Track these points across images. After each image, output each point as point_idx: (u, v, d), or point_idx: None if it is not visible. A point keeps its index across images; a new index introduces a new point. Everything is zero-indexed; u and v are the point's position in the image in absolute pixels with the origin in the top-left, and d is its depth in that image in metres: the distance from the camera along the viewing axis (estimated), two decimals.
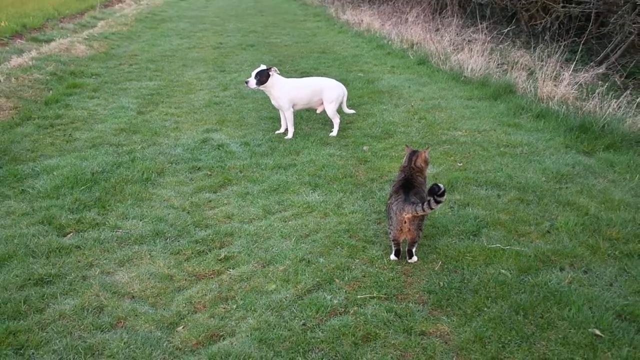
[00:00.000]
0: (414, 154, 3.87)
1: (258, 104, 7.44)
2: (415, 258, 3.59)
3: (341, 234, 3.96)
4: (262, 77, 5.79)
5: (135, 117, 6.81)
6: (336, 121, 6.21)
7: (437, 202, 3.31)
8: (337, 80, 6.44)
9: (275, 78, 5.87)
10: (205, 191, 4.74)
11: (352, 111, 6.47)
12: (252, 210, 4.38)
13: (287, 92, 5.93)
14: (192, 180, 4.97)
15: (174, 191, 4.72)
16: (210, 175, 5.07)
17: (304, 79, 6.32)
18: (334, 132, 6.20)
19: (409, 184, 3.65)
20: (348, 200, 4.55)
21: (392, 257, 3.62)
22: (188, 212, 4.34)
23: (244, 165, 5.27)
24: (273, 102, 6.07)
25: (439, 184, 3.32)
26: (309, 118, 6.82)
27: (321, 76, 7.60)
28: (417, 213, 3.41)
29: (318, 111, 6.29)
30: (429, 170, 5.00)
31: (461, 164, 5.25)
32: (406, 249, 3.61)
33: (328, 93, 6.05)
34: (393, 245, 3.61)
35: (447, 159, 5.40)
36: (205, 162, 5.36)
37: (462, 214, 4.22)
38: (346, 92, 6.25)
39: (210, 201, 4.55)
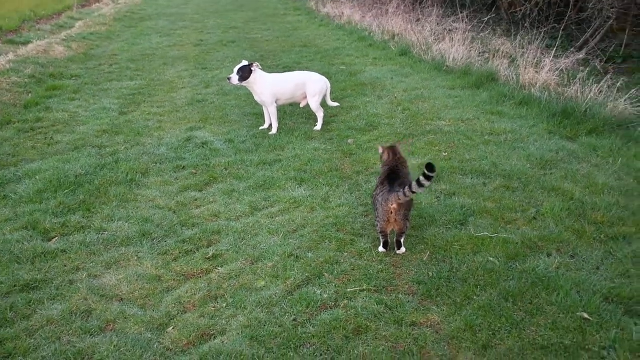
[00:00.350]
0: (393, 148, 3.89)
1: (241, 101, 7.40)
2: (403, 249, 3.61)
3: (329, 228, 3.96)
4: (245, 73, 5.77)
5: (118, 118, 6.74)
6: (320, 115, 6.20)
7: (420, 185, 3.27)
8: (320, 73, 6.43)
9: (257, 73, 5.84)
10: (191, 190, 4.71)
11: (336, 104, 6.46)
12: (238, 207, 4.37)
13: (270, 87, 5.91)
14: (177, 179, 4.94)
15: (159, 191, 4.69)
16: (195, 173, 5.04)
17: (286, 73, 6.29)
18: (319, 126, 6.19)
19: (395, 175, 3.67)
20: (335, 194, 4.55)
21: (381, 249, 3.64)
22: (174, 212, 4.32)
23: (229, 162, 5.25)
24: (256, 97, 6.04)
25: (433, 164, 3.23)
26: (293, 113, 6.80)
27: (304, 70, 7.57)
28: (400, 199, 3.42)
29: (302, 105, 6.27)
30: (415, 161, 5.02)
31: (446, 154, 5.27)
32: (394, 240, 3.62)
33: (311, 87, 6.03)
34: (381, 237, 3.62)
35: (431, 149, 5.41)
36: (189, 160, 5.33)
37: (448, 203, 4.24)
38: (329, 85, 6.24)
39: (196, 200, 4.53)
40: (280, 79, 6.05)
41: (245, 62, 5.83)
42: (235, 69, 5.78)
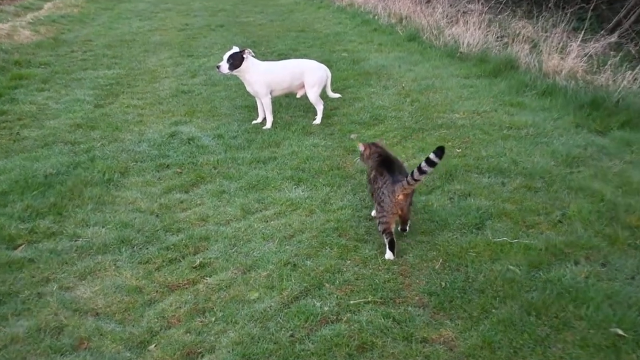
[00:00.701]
0: (375, 144, 4.06)
1: (232, 92, 7.40)
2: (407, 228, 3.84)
3: (330, 233, 3.97)
4: (236, 61, 5.77)
5: (93, 111, 6.74)
6: (319, 107, 6.20)
7: (422, 172, 3.48)
8: (319, 61, 6.43)
9: (250, 61, 5.84)
10: (176, 191, 4.72)
11: (337, 95, 6.46)
12: (229, 210, 4.37)
13: (263, 77, 5.91)
14: (160, 179, 4.94)
15: (140, 192, 4.69)
16: (181, 173, 5.05)
17: (282, 61, 6.29)
18: (318, 120, 6.19)
19: (389, 162, 3.86)
20: (336, 195, 4.55)
21: (388, 255, 3.65)
22: (157, 216, 4.32)
23: (218, 160, 5.26)
24: (248, 88, 6.04)
25: (443, 148, 3.45)
26: (289, 105, 6.80)
27: (301, 58, 7.57)
28: (406, 188, 3.59)
29: (298, 95, 6.27)
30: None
31: (460, 150, 5.28)
32: (400, 228, 3.82)
33: (309, 76, 6.04)
34: (386, 238, 3.65)
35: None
36: (174, 158, 5.33)
37: (463, 205, 4.24)
38: (330, 75, 6.24)
39: (181, 202, 4.53)
40: (275, 67, 6.05)
41: (236, 49, 5.83)
42: (225, 56, 5.77)
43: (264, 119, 6.20)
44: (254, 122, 6.25)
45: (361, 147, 4.06)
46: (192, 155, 5.41)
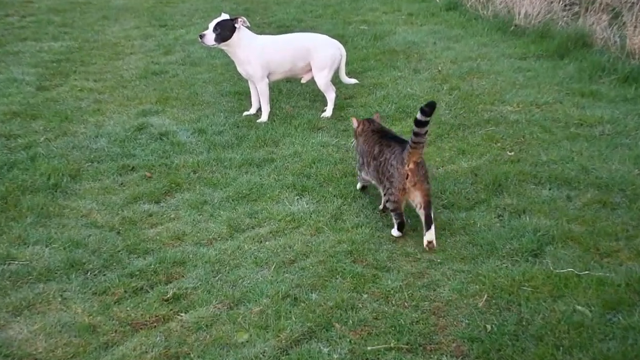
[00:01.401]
0: (370, 120, 4.67)
1: (217, 73, 7.43)
2: (433, 234, 4.07)
3: (341, 258, 3.98)
4: (225, 31, 5.80)
5: (35, 95, 6.79)
6: (330, 96, 6.23)
7: (420, 124, 4.02)
8: (331, 36, 6.44)
9: (243, 33, 5.88)
10: (143, 201, 4.74)
11: (353, 81, 6.49)
12: (212, 226, 4.39)
13: (259, 55, 5.94)
14: (124, 185, 4.97)
15: (96, 202, 4.71)
16: (150, 177, 5.08)
17: (283, 35, 6.32)
18: (328, 112, 6.22)
19: (391, 135, 4.49)
20: (350, 209, 4.57)
21: (395, 232, 4.19)
22: (118, 233, 4.34)
23: (199, 162, 5.29)
24: (239, 69, 6.08)
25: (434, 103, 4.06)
26: (292, 92, 6.84)
27: (307, 31, 7.59)
28: (411, 153, 4.05)
29: (303, 80, 6.29)
30: (465, 163, 5.04)
31: (512, 153, 5.29)
32: (422, 217, 4.10)
33: (319, 56, 6.06)
34: (395, 218, 4.17)
35: (491, 146, 5.45)
36: (141, 158, 5.37)
37: (515, 225, 4.25)
38: (344, 54, 6.27)
39: (150, 215, 4.56)
40: (275, 43, 6.09)
41: (226, 16, 5.87)
42: (212, 24, 5.81)
43: (259, 109, 6.23)
44: (246, 113, 6.29)
45: (355, 123, 4.63)
46: (165, 154, 5.44)
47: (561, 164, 5.05)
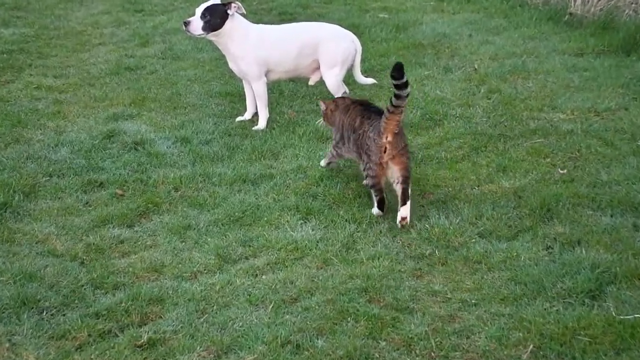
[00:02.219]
0: (343, 98, 5.21)
1: (204, 70, 7.43)
2: (408, 209, 4.54)
3: (354, 297, 3.92)
4: (215, 18, 5.78)
5: None
6: None
7: (398, 97, 4.43)
8: (344, 27, 6.43)
9: (237, 22, 5.87)
10: (113, 225, 4.71)
11: (370, 81, 6.47)
12: (196, 256, 4.35)
13: (256, 48, 5.92)
14: (89, 205, 4.95)
15: (55, 225, 4.68)
16: (122, 196, 5.06)
17: (285, 25, 6.31)
18: None
19: (373, 107, 4.91)
20: (365, 236, 4.52)
21: (375, 210, 4.64)
22: (82, 263, 4.30)
23: (182, 177, 5.26)
24: (232, 65, 6.07)
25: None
26: (296, 93, 6.83)
27: (315, 20, 7.58)
28: (389, 120, 4.45)
29: (311, 82, 6.27)
30: (507, 182, 5.00)
31: (565, 171, 5.24)
32: (399, 192, 4.53)
33: (328, 50, 6.04)
34: (375, 194, 4.62)
35: (539, 162, 5.40)
36: (112, 173, 5.34)
37: (568, 259, 4.18)
38: (360, 48, 6.25)
39: (121, 242, 4.53)
40: (275, 34, 6.08)
41: (216, 0, 5.85)
42: (199, 10, 5.79)
43: (255, 114, 6.22)
44: (240, 118, 6.27)
45: (323, 106, 4.97)
46: (140, 168, 5.41)
47: (626, 185, 4.99)
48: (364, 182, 4.82)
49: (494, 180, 5.13)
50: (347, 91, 6.20)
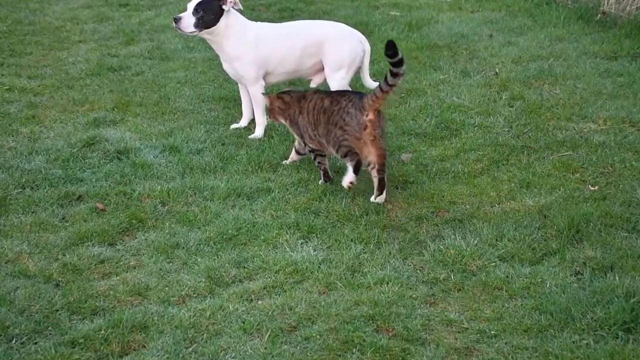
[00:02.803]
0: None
1: (196, 72, 7.45)
2: (383, 198, 4.99)
3: (359, 325, 3.92)
4: (208, 14, 5.80)
5: None
6: None
7: (395, 75, 4.72)
8: (351, 26, 6.45)
9: (232, 18, 5.90)
10: (93, 242, 4.72)
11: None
12: (185, 278, 4.36)
13: (253, 48, 5.95)
14: (66, 220, 4.96)
15: (27, 243, 4.69)
16: (103, 210, 5.07)
17: (286, 23, 6.34)
18: None
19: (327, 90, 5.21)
20: (372, 258, 4.53)
21: (350, 176, 5.01)
22: (57, 285, 4.30)
23: (170, 190, 5.27)
24: (226, 66, 6.10)
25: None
26: None
27: (319, 18, 7.60)
28: (378, 98, 4.82)
29: (313, 84, 6.28)
30: (531, 200, 5.00)
31: (596, 188, 5.25)
32: (375, 182, 4.92)
33: (334, 51, 6.08)
34: (350, 159, 4.94)
35: (567, 178, 5.41)
36: (92, 184, 5.35)
37: (600, 286, 4.18)
38: (368, 49, 6.27)
39: (101, 262, 4.53)
40: (275, 33, 6.10)
41: None
42: (191, 5, 5.82)
43: (252, 121, 6.25)
44: (235, 126, 6.30)
45: (267, 101, 5.24)
46: (123, 180, 5.43)
47: None
48: (315, 161, 5.35)
49: (516, 197, 5.15)
50: None
